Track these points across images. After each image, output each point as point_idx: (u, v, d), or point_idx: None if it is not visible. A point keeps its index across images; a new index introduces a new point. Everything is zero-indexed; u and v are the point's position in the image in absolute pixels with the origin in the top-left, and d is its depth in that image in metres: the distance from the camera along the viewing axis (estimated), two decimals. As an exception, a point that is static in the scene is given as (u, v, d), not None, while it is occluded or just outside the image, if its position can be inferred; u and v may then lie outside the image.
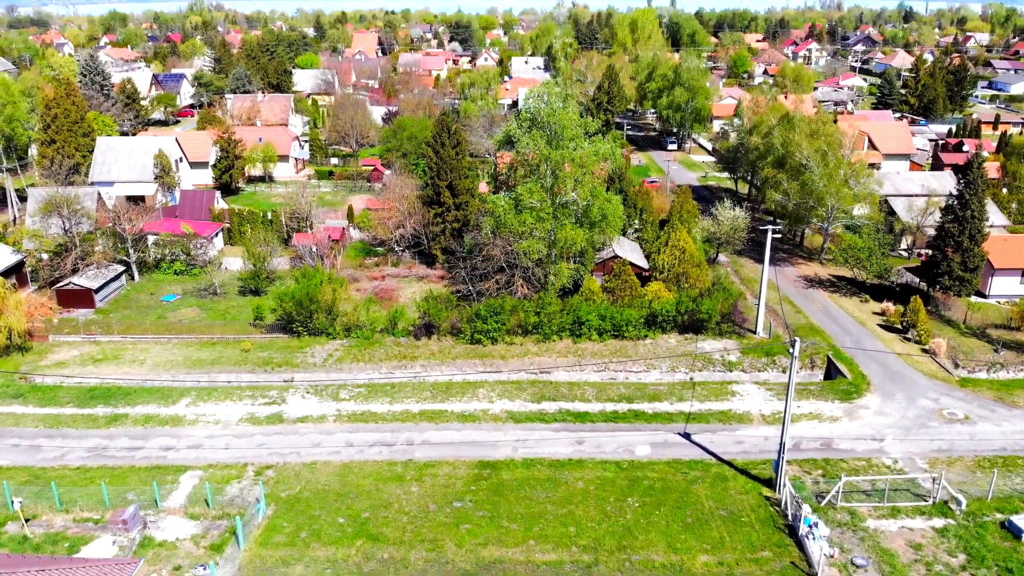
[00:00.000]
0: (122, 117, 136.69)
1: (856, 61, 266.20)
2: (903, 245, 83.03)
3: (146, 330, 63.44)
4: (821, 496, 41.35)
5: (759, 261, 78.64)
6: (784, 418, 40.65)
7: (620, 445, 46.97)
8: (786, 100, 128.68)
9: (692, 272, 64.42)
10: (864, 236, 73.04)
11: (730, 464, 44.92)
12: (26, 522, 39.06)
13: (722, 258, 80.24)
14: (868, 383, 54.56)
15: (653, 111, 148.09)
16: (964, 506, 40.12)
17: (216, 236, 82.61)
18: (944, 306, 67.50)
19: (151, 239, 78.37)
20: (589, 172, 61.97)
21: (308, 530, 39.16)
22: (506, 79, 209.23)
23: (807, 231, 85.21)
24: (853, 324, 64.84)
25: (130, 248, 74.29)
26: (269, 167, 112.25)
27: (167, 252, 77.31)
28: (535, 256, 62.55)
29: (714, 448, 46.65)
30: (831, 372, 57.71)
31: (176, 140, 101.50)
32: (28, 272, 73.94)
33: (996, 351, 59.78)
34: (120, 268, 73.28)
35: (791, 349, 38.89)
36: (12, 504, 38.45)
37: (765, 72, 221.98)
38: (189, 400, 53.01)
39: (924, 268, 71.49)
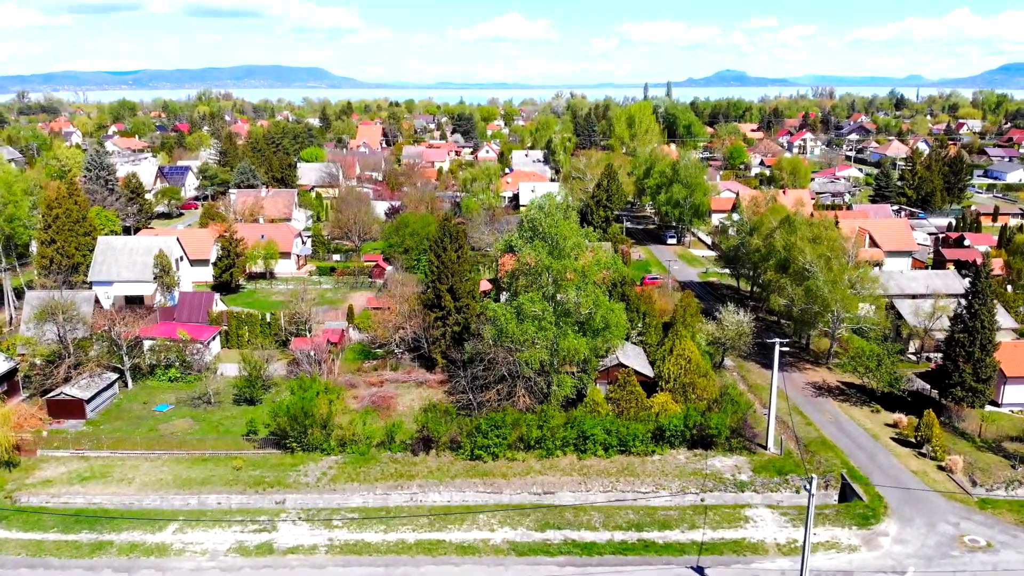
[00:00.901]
0: (126, 211, 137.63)
1: (851, 150, 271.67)
2: (911, 348, 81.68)
3: (136, 445, 61.44)
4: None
5: (765, 365, 77.41)
6: (802, 566, 38.41)
7: (629, 581, 44.47)
8: (784, 196, 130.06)
9: (699, 382, 62.86)
10: (872, 343, 71.85)
11: (746, 603, 42.39)
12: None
13: (728, 362, 78.77)
14: (885, 506, 52.27)
15: (652, 204, 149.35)
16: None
17: (213, 340, 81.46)
18: (958, 417, 65.72)
19: (147, 344, 77.20)
20: (591, 281, 61.30)
21: None
22: (507, 171, 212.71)
23: (813, 333, 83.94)
24: (866, 438, 62.83)
25: (124, 354, 73.00)
26: (270, 264, 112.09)
27: (162, 358, 75.95)
28: (537, 367, 61.20)
29: (728, 584, 44.14)
30: (846, 493, 55.43)
31: (177, 239, 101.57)
32: (20, 379, 72.47)
33: (1013, 467, 57.81)
34: (113, 376, 71.81)
35: (807, 487, 37.01)
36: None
37: (761, 163, 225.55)
38: (176, 526, 50.64)
39: (935, 376, 70.03)
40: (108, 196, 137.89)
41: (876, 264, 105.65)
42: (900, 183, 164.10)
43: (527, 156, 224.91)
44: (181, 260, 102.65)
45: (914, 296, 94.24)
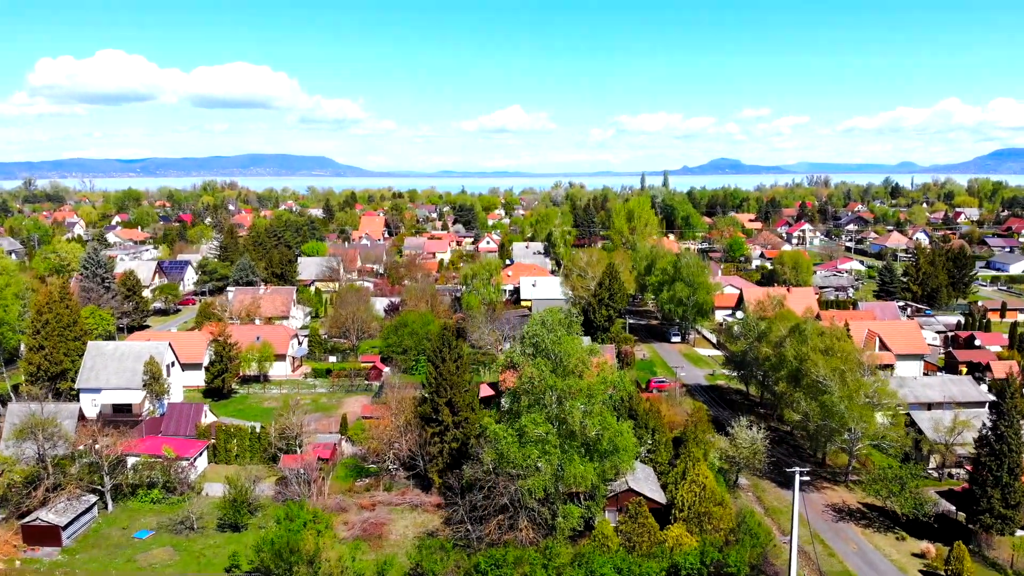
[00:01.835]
0: (120, 310, 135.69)
1: (850, 240, 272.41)
2: (932, 464, 77.84)
3: (110, 581, 57.16)
4: None
5: (781, 484, 73.67)
6: None
7: None
8: (790, 295, 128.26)
9: (715, 511, 58.88)
10: (892, 459, 68.19)
11: None
12: None
13: (742, 480, 74.79)
14: (924, 658, 47.71)
15: (654, 299, 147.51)
16: None
17: (200, 455, 77.76)
18: (988, 545, 61.72)
19: (131, 460, 73.48)
20: (598, 401, 58.26)
21: None
22: (508, 262, 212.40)
23: (830, 448, 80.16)
24: (893, 572, 58.47)
25: (106, 474, 69.20)
26: (265, 367, 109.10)
27: (145, 477, 72.08)
28: (540, 495, 57.47)
29: None
30: (879, 640, 50.90)
31: (169, 344, 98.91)
32: (-5, 500, 68.54)
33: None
34: (92, 499, 67.85)
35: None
36: None
37: (762, 255, 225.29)
38: None
39: (962, 498, 66.11)
40: (104, 294, 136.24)
41: (887, 367, 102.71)
42: (904, 278, 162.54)
43: (527, 248, 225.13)
44: (172, 365, 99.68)
45: (930, 405, 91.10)
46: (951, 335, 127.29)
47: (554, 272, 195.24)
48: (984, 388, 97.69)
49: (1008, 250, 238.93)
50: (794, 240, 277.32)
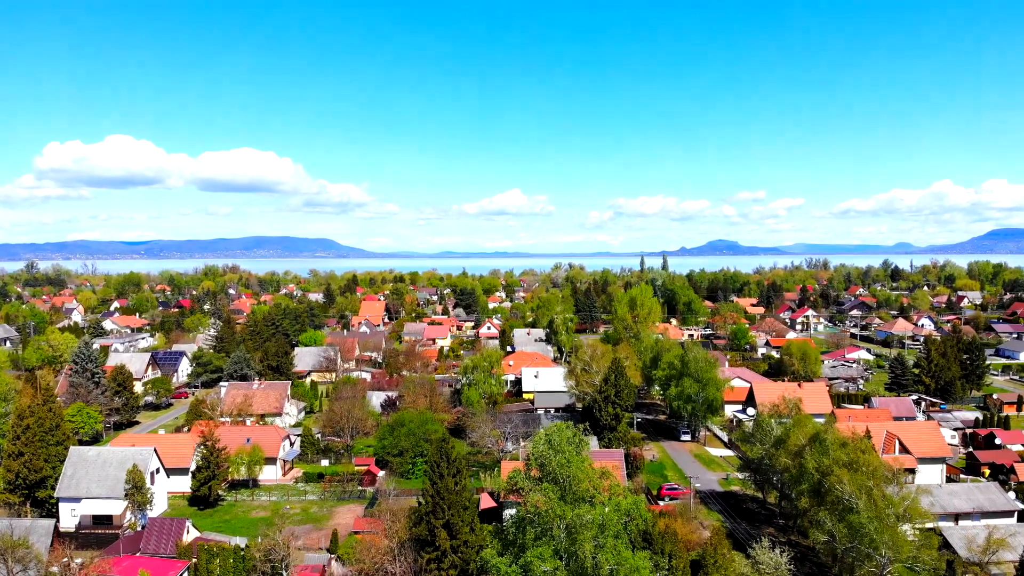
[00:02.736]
0: (109, 406, 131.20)
1: (854, 326, 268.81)
2: (968, 586, 72.24)
3: None
4: None
5: (808, 614, 67.90)
6: None
7: None
8: (801, 391, 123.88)
9: (739, 655, 53.47)
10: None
11: None
12: None
13: (765, 606, 69.04)
14: None
15: (661, 394, 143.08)
16: None
17: (180, 579, 72.19)
18: None
19: (103, 587, 67.95)
20: (611, 535, 53.59)
21: None
22: (509, 349, 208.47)
23: (858, 570, 74.54)
24: None
25: (75, 605, 63.85)
26: (254, 471, 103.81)
27: (118, 607, 66.56)
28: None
29: None
30: None
31: (155, 450, 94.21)
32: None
33: None
34: (57, 634, 62.29)
35: None
36: None
37: (767, 343, 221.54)
38: None
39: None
40: (93, 390, 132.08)
41: (909, 471, 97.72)
42: (916, 370, 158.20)
43: (529, 335, 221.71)
44: (157, 472, 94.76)
45: (957, 517, 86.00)
46: (970, 432, 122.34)
47: (556, 360, 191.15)
48: (1012, 496, 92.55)
49: (1016, 336, 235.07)
50: (798, 326, 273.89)
